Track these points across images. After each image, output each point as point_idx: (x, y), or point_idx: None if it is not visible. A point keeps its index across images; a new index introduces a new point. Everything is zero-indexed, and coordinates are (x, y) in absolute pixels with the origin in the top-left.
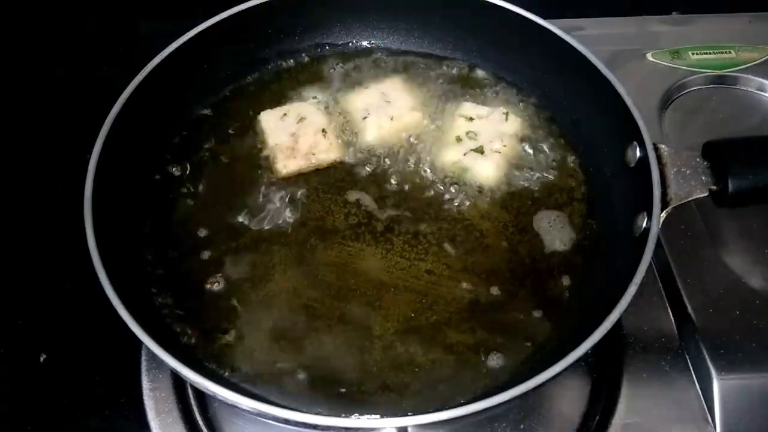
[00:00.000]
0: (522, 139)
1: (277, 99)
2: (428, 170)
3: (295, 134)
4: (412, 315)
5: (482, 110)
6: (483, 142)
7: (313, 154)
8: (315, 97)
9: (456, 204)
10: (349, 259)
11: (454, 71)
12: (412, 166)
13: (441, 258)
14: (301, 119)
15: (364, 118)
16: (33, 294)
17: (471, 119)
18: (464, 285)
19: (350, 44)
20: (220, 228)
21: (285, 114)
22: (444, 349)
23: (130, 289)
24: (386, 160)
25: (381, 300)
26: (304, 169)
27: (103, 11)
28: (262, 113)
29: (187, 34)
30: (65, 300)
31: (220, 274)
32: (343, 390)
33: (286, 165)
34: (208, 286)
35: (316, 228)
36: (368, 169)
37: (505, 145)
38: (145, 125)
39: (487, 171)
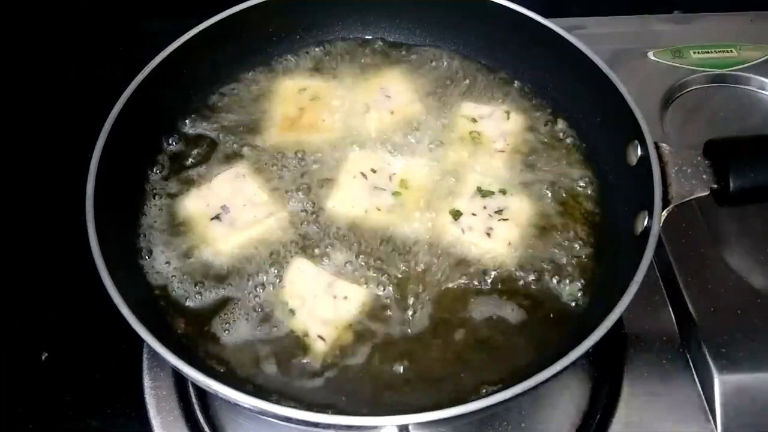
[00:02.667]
0: (524, 138)
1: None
2: (428, 165)
3: (303, 109)
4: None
5: (484, 110)
6: (486, 141)
7: (309, 132)
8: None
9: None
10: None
11: (456, 68)
12: (413, 157)
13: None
14: (315, 98)
15: (366, 112)
16: (34, 293)
17: (473, 120)
18: (463, 280)
19: (351, 39)
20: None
21: (304, 89)
22: (445, 345)
23: (131, 287)
24: (383, 152)
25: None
26: (297, 140)
27: (105, 11)
28: (284, 81)
29: (189, 33)
30: (66, 298)
31: (222, 272)
32: (344, 387)
33: (278, 134)
34: (210, 283)
35: (314, 213)
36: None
37: (508, 144)
38: (147, 124)
39: (489, 170)
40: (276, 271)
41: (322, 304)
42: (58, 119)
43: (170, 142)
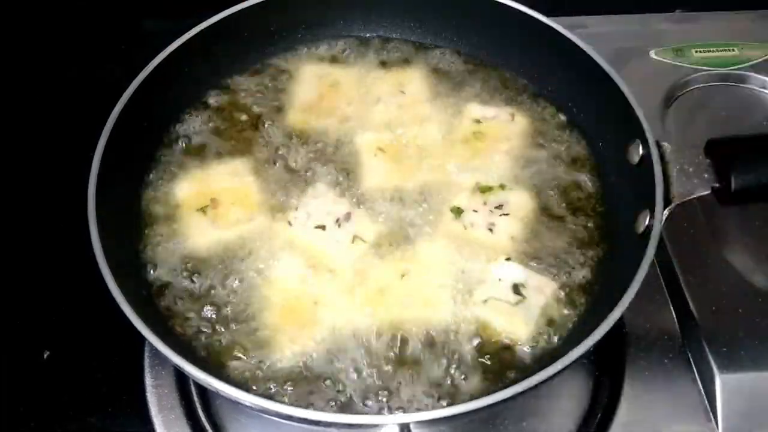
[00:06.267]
0: (525, 138)
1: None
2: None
3: (323, 95)
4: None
5: (489, 111)
6: (490, 143)
7: (327, 117)
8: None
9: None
10: None
11: (458, 68)
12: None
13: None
14: (334, 84)
15: (375, 104)
16: (36, 291)
17: (478, 121)
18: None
19: (352, 38)
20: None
21: (326, 74)
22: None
23: (132, 285)
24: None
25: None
26: (314, 126)
27: (105, 11)
28: (306, 65)
29: (189, 33)
30: (68, 297)
31: (224, 269)
32: (342, 386)
33: (302, 118)
34: (212, 280)
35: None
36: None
37: (510, 144)
38: (148, 123)
39: (491, 169)
40: (259, 267)
41: (300, 307)
42: (59, 119)
43: (171, 140)
